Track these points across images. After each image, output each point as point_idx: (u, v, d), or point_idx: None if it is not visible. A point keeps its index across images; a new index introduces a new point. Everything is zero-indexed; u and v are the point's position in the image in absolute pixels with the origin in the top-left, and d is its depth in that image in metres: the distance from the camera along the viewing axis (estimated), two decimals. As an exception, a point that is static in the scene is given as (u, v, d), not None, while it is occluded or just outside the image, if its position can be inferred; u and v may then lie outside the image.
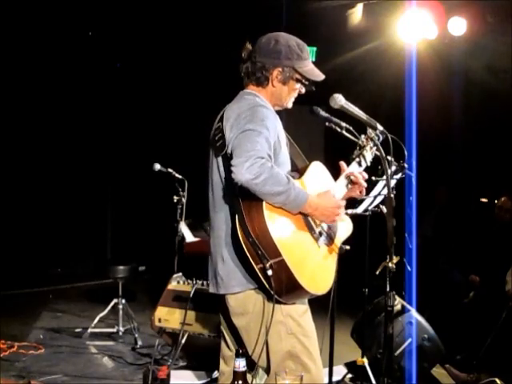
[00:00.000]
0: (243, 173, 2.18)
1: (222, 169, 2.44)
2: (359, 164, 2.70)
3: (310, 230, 2.40)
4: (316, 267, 2.41)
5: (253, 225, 2.26)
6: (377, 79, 6.95)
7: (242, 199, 2.30)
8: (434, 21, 5.95)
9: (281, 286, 2.27)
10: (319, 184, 2.52)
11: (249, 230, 2.26)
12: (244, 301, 2.42)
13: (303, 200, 2.31)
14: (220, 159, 2.44)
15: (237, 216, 2.31)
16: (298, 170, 2.57)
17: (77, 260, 8.18)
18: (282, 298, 2.32)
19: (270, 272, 2.23)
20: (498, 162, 6.40)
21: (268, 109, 2.45)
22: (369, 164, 2.74)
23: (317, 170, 2.57)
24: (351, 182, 2.64)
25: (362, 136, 2.68)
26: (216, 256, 2.48)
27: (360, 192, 2.67)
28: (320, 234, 2.44)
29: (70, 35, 7.13)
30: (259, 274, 2.28)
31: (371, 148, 2.70)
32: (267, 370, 2.47)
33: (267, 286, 2.28)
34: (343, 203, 2.51)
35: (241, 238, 2.28)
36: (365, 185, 2.68)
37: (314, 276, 2.37)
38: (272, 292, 2.27)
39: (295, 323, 2.43)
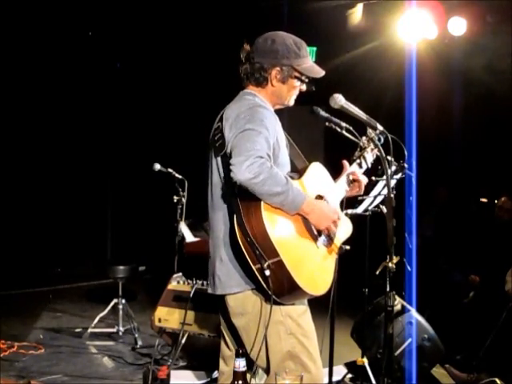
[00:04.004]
0: (242, 172, 2.18)
1: (221, 169, 2.44)
2: (360, 165, 2.74)
3: (309, 230, 2.40)
4: (314, 268, 2.40)
5: (251, 225, 2.26)
6: (377, 79, 6.95)
7: (241, 199, 2.30)
8: (434, 21, 5.95)
9: (279, 286, 2.27)
10: (318, 185, 2.52)
11: (247, 229, 2.25)
12: (243, 301, 2.42)
13: (301, 201, 2.30)
14: (219, 159, 2.45)
15: (235, 216, 2.31)
16: (298, 171, 2.57)
17: (77, 260, 8.19)
18: (280, 298, 2.32)
19: (267, 272, 2.23)
20: (497, 161, 6.40)
21: (267, 109, 2.45)
22: (369, 165, 2.76)
23: (316, 170, 2.57)
24: (352, 181, 2.68)
25: (363, 137, 2.69)
26: (214, 256, 2.48)
27: (359, 188, 2.70)
28: (319, 234, 2.44)
29: (70, 35, 7.12)
30: (257, 275, 2.28)
31: (372, 150, 2.73)
32: (267, 370, 2.46)
33: (265, 286, 2.28)
34: (338, 213, 2.50)
35: (239, 238, 2.28)
36: (364, 182, 2.71)
37: (312, 276, 2.37)
38: (270, 292, 2.27)
39: (294, 323, 2.43)
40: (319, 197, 2.51)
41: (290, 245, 2.31)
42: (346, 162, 2.71)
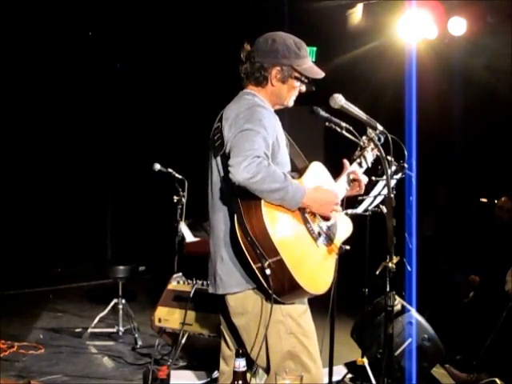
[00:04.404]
0: (240, 172, 2.19)
1: (221, 168, 2.45)
2: (360, 165, 2.74)
3: (309, 230, 2.40)
4: (315, 267, 2.41)
5: (251, 224, 2.26)
6: (377, 79, 6.95)
7: (241, 198, 2.31)
8: (434, 21, 5.95)
9: (279, 285, 2.27)
10: (319, 184, 2.52)
11: (247, 229, 2.26)
12: (244, 301, 2.43)
13: (301, 195, 2.31)
14: (219, 159, 2.45)
15: (235, 215, 2.32)
16: (298, 171, 2.58)
17: (77, 260, 8.18)
18: (281, 297, 2.32)
19: (268, 271, 2.24)
20: (497, 161, 6.40)
21: (267, 109, 2.46)
22: (370, 165, 2.76)
23: (316, 170, 2.58)
24: (352, 181, 2.68)
25: (363, 137, 2.70)
26: (215, 256, 2.48)
27: (359, 188, 2.71)
28: (319, 234, 2.44)
29: (70, 35, 7.13)
30: (258, 274, 2.28)
31: (372, 149, 2.73)
32: (267, 370, 2.47)
33: (265, 285, 2.28)
34: (341, 197, 2.53)
35: (239, 238, 2.28)
36: (365, 181, 2.71)
37: (312, 275, 2.37)
38: (270, 291, 2.27)
39: (295, 323, 2.44)
40: None
41: (291, 244, 2.32)
42: (346, 162, 2.72)
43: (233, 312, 2.47)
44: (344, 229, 2.61)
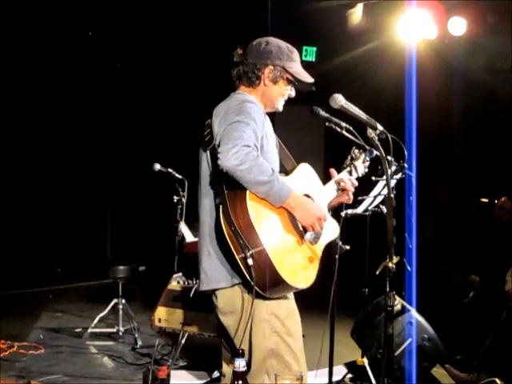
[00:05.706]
0: (229, 158, 2.21)
1: (209, 162, 2.47)
2: (350, 173, 2.75)
3: (295, 225, 2.40)
4: (298, 261, 2.40)
5: (236, 214, 2.28)
6: (377, 79, 6.95)
7: (227, 189, 2.33)
8: (434, 21, 5.95)
9: (262, 277, 2.26)
10: (305, 184, 2.54)
11: (232, 219, 2.27)
12: (232, 299, 2.42)
13: (286, 194, 2.32)
14: (208, 153, 2.47)
15: (221, 206, 2.33)
16: (286, 172, 2.59)
17: (77, 260, 8.18)
18: (265, 291, 2.31)
19: (250, 261, 2.23)
20: (498, 161, 6.40)
21: (257, 105, 2.48)
22: (360, 175, 2.76)
23: (304, 171, 2.60)
24: (341, 189, 2.68)
25: (354, 149, 2.71)
26: (202, 252, 2.50)
27: (348, 198, 2.70)
28: (304, 231, 2.43)
29: (70, 35, 7.13)
30: (241, 265, 2.28)
31: (364, 162, 2.74)
32: (248, 368, 2.42)
33: (248, 276, 2.27)
34: (324, 211, 2.50)
35: (223, 228, 2.29)
36: (353, 190, 2.70)
37: (295, 269, 2.36)
38: (252, 283, 2.27)
39: (279, 322, 2.43)
40: (306, 196, 2.51)
41: (274, 236, 2.33)
42: (333, 171, 2.72)
43: (222, 311, 2.48)
44: (331, 229, 2.59)
